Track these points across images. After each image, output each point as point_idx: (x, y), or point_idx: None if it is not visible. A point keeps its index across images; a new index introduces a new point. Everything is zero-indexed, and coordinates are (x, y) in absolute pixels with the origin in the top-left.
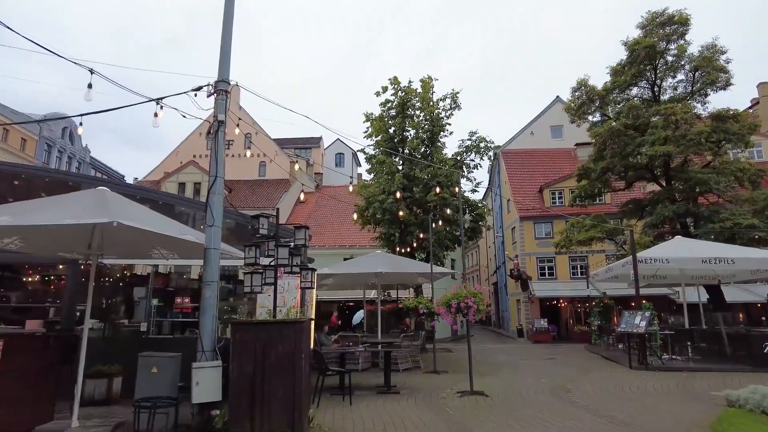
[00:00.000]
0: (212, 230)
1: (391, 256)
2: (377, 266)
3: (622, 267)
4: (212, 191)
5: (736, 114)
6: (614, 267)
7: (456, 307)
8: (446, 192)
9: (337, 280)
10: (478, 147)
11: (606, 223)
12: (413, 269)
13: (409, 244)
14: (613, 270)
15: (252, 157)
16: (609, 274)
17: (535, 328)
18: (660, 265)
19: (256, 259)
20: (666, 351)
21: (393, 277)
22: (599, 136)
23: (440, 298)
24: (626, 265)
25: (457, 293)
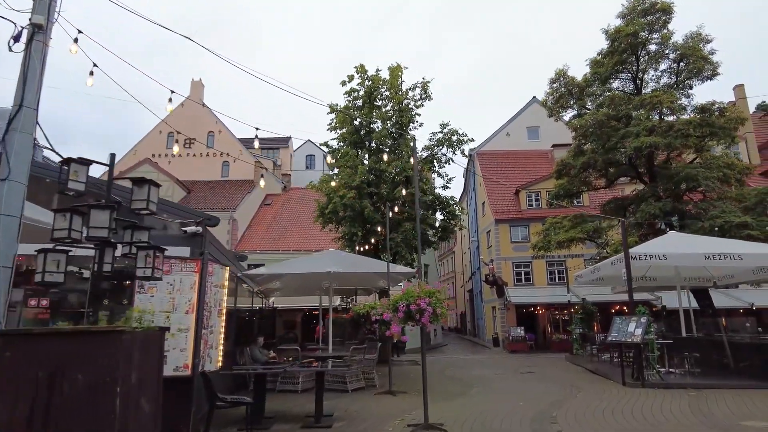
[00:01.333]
0: (7, 187)
1: (345, 255)
2: (327, 266)
3: (611, 266)
4: (13, 127)
5: (722, 107)
6: (602, 266)
7: (405, 310)
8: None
9: (286, 284)
10: (450, 140)
11: (587, 223)
12: (368, 269)
13: (373, 245)
14: (600, 270)
15: (215, 157)
16: (595, 274)
17: (512, 336)
18: (655, 262)
19: (70, 232)
20: (662, 363)
21: (349, 279)
22: (581, 128)
23: (386, 300)
24: (616, 263)
25: (407, 293)
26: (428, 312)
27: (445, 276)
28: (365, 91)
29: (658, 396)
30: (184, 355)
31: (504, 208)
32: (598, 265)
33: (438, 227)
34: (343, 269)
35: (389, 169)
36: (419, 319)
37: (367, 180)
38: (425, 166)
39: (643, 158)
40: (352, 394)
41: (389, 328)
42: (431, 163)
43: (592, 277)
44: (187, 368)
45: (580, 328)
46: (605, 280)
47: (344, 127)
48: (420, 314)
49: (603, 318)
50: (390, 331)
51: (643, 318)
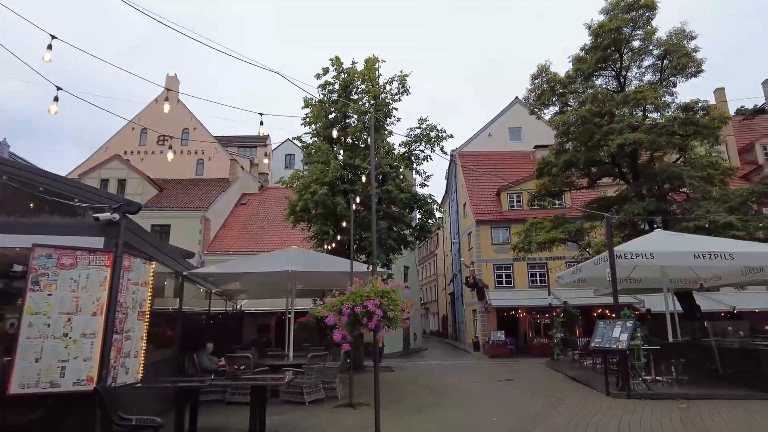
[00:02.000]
0: None
1: (308, 253)
2: (286, 264)
3: (594, 266)
4: None
5: (705, 106)
6: (584, 267)
7: (350, 313)
8: (391, 184)
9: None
10: (428, 136)
11: (569, 223)
12: (331, 268)
13: (346, 244)
14: (583, 270)
15: (189, 154)
16: (577, 275)
17: (492, 341)
18: (641, 261)
19: None
20: (648, 371)
21: (315, 280)
22: (563, 125)
23: (332, 301)
24: (600, 262)
25: (354, 293)
26: (377, 315)
27: (427, 279)
28: (341, 84)
29: (645, 408)
30: (88, 365)
31: (485, 209)
32: (580, 266)
33: (415, 227)
34: (303, 268)
35: (363, 165)
36: (367, 323)
37: (340, 176)
38: (402, 163)
39: (627, 157)
40: (309, 407)
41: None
42: (409, 160)
43: (573, 278)
44: (91, 381)
45: (561, 332)
46: (588, 282)
47: (318, 121)
48: (368, 318)
49: (585, 322)
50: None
51: (629, 322)
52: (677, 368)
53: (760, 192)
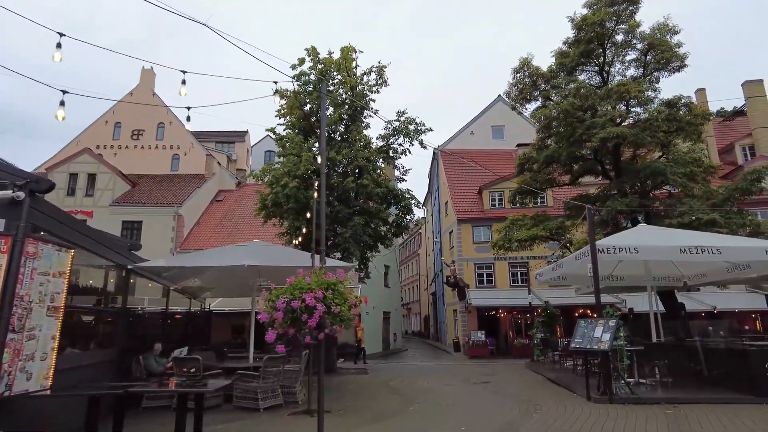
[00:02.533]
0: None
1: (270, 247)
2: (242, 258)
3: (575, 261)
4: None
5: (688, 103)
6: (564, 262)
7: (286, 308)
8: (367, 178)
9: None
10: (407, 130)
11: (550, 221)
12: (291, 262)
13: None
14: (563, 266)
15: (164, 149)
16: (557, 272)
17: (472, 341)
18: (625, 256)
19: None
20: (631, 373)
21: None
22: (544, 119)
23: (269, 295)
24: (581, 257)
25: (294, 284)
26: (319, 311)
27: (409, 279)
28: (317, 74)
29: (629, 415)
30: None
31: (467, 207)
32: (560, 261)
33: (392, 223)
34: (261, 262)
35: (338, 158)
36: (306, 322)
37: (313, 169)
38: (379, 156)
39: (609, 154)
40: (264, 414)
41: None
42: (386, 154)
43: (553, 275)
44: None
45: (541, 332)
46: (569, 280)
47: (293, 113)
48: (308, 314)
49: (567, 322)
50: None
51: (612, 321)
52: (661, 370)
53: (743, 188)
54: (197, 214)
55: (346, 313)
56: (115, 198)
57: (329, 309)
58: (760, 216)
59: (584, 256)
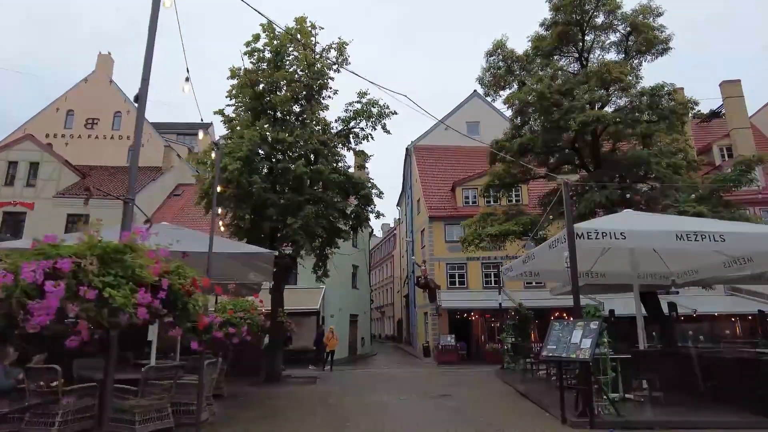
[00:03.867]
0: None
1: (179, 230)
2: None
3: (548, 250)
4: None
5: (671, 90)
6: (537, 252)
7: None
8: (323, 163)
9: None
10: (369, 112)
11: (523, 216)
12: (201, 247)
13: (267, 234)
14: (535, 257)
15: (120, 140)
16: (528, 265)
17: (441, 345)
18: (610, 242)
19: None
20: (615, 388)
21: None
22: (519, 103)
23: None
24: (556, 244)
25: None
26: (55, 294)
27: (383, 281)
28: (271, 50)
29: None
30: None
31: (439, 204)
32: (531, 252)
33: (350, 214)
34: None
35: (289, 139)
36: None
37: (260, 150)
38: (339, 140)
39: (588, 147)
40: None
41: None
42: (346, 139)
43: (524, 269)
44: None
45: (512, 336)
46: (542, 276)
47: (243, 93)
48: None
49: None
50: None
51: (594, 324)
52: (652, 384)
53: (733, 179)
54: (152, 208)
55: (126, 299)
56: (61, 189)
57: (101, 290)
58: None
59: (560, 243)
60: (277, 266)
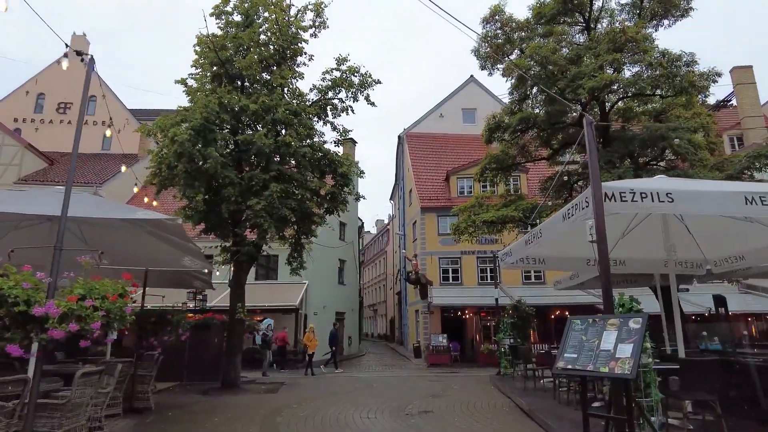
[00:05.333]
0: None
1: (105, 202)
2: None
3: (562, 222)
4: None
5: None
6: (544, 228)
7: None
8: (291, 135)
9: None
10: (350, 82)
11: (523, 200)
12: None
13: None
14: (542, 235)
15: (94, 126)
16: (532, 248)
17: (432, 346)
18: (652, 206)
19: None
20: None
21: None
22: (521, 69)
23: None
24: (574, 212)
25: None
26: None
27: (376, 279)
28: (241, 12)
29: None
30: None
31: (432, 194)
32: (537, 228)
33: (325, 195)
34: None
35: (252, 107)
36: None
37: (218, 119)
38: (313, 111)
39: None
40: None
41: None
42: (323, 110)
43: (526, 253)
44: None
45: (510, 337)
46: (548, 262)
47: (206, 57)
48: None
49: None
50: None
51: (635, 322)
52: (703, 404)
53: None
54: (125, 197)
55: None
56: (24, 175)
57: None
58: None
59: (580, 210)
60: (238, 255)
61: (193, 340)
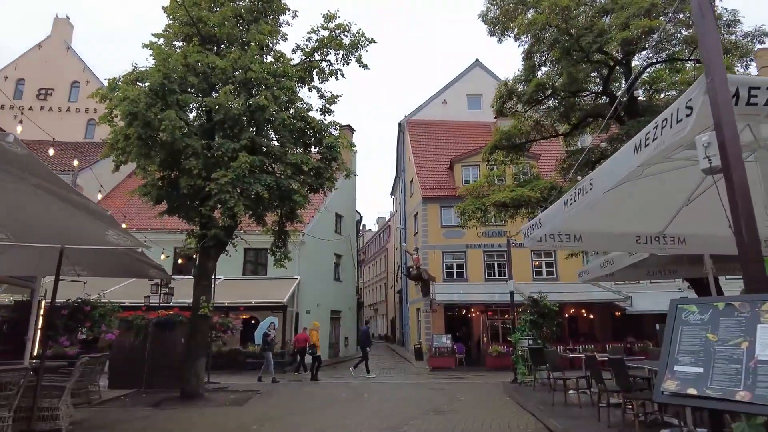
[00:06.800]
0: None
1: None
2: None
3: (635, 156)
4: None
5: (733, 20)
6: (599, 175)
7: None
8: (266, 97)
9: None
10: (340, 42)
11: (539, 180)
12: None
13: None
14: (593, 187)
15: (77, 113)
16: (576, 206)
17: (435, 347)
18: None
19: None
20: None
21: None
22: (534, 26)
23: None
24: (658, 133)
25: None
26: None
27: (376, 277)
28: None
29: None
30: None
31: (434, 183)
32: (588, 178)
33: (309, 171)
34: None
35: (221, 64)
36: None
37: (183, 81)
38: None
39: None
40: None
41: None
42: (308, 73)
43: (559, 224)
44: None
45: (529, 337)
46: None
47: (173, 15)
48: None
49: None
50: None
51: None
52: None
53: None
54: (109, 185)
55: None
56: None
57: None
58: None
59: (673, 123)
60: (206, 240)
61: (154, 340)
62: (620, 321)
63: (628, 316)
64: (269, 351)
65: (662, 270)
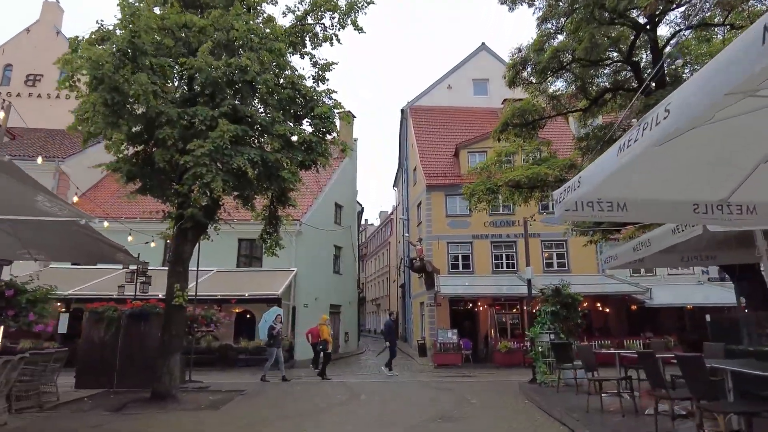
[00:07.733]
0: None
1: None
2: None
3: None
4: None
5: None
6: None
7: None
8: (249, 57)
9: None
10: (335, 3)
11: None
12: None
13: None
14: (673, 114)
15: (67, 99)
16: (633, 152)
17: (440, 343)
18: None
19: None
20: None
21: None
22: None
23: None
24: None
25: None
26: None
27: (379, 271)
28: None
29: None
30: None
31: (438, 171)
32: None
33: (300, 144)
34: None
35: (199, 22)
36: None
37: (153, 41)
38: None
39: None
40: None
41: None
42: (300, 38)
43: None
44: None
45: (551, 331)
46: (630, 209)
47: None
48: None
49: None
50: None
51: None
52: None
53: None
54: (97, 175)
55: None
56: None
57: None
58: None
59: None
60: (183, 222)
61: (128, 334)
62: (636, 315)
63: (645, 310)
64: (275, 346)
65: (699, 255)
